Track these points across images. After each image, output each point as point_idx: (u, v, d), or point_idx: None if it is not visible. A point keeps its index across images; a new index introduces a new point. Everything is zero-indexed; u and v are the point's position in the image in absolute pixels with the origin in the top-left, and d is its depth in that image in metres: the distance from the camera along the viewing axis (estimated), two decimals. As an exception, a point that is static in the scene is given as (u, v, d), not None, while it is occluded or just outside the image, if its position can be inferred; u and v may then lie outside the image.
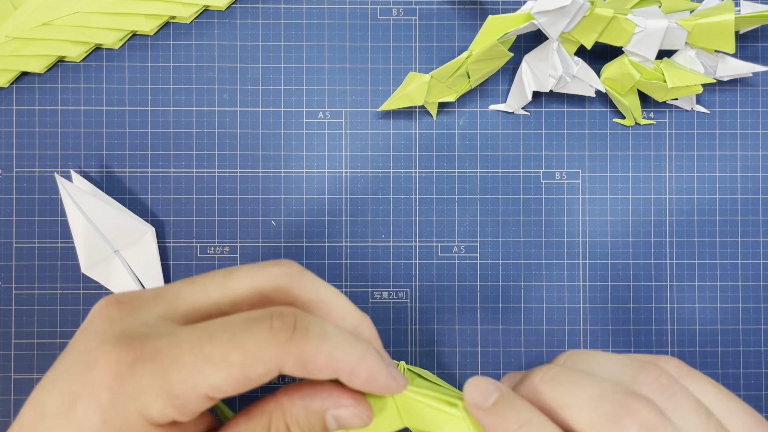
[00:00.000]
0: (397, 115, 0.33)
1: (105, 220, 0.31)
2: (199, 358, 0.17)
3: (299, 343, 0.18)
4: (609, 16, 0.29)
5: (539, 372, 0.20)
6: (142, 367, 0.17)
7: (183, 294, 0.20)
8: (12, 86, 0.33)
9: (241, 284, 0.20)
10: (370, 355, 0.19)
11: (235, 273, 0.20)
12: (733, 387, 0.33)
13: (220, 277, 0.20)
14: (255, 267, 0.20)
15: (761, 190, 0.33)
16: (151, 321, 0.19)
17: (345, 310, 0.21)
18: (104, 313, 0.19)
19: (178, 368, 0.17)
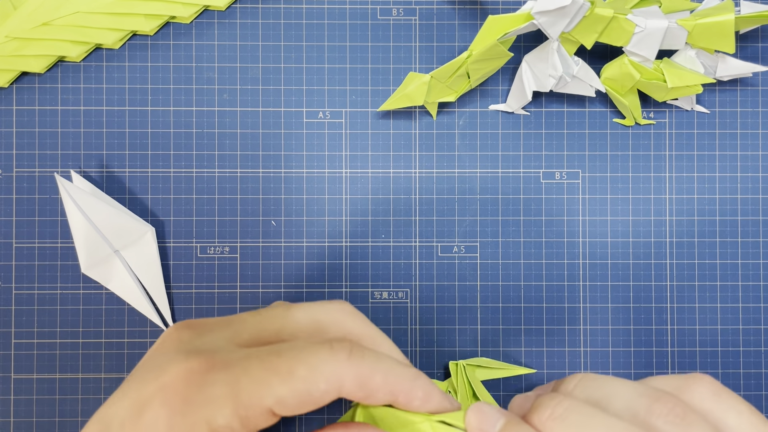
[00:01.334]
0: (397, 115, 0.33)
1: (105, 220, 0.31)
2: (267, 371, 0.18)
3: (357, 361, 0.19)
4: (609, 16, 0.29)
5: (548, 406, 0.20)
6: (213, 376, 0.18)
7: (248, 322, 0.21)
8: (12, 86, 0.33)
9: (302, 316, 0.21)
10: (422, 376, 0.20)
11: (296, 306, 0.22)
12: (733, 387, 0.33)
13: (283, 308, 0.21)
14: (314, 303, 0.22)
15: (761, 190, 0.33)
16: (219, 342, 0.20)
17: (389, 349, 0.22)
18: (175, 335, 0.20)
19: (248, 378, 0.18)
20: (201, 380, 0.18)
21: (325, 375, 0.18)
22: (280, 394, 0.18)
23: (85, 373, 0.32)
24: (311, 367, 0.18)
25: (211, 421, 0.18)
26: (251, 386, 0.18)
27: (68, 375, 0.32)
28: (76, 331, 0.32)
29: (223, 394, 0.18)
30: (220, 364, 0.18)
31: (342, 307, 0.22)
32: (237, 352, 0.19)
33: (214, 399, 0.18)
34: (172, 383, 0.18)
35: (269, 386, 0.18)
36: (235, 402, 0.18)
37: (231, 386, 0.18)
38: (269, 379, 0.18)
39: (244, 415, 0.18)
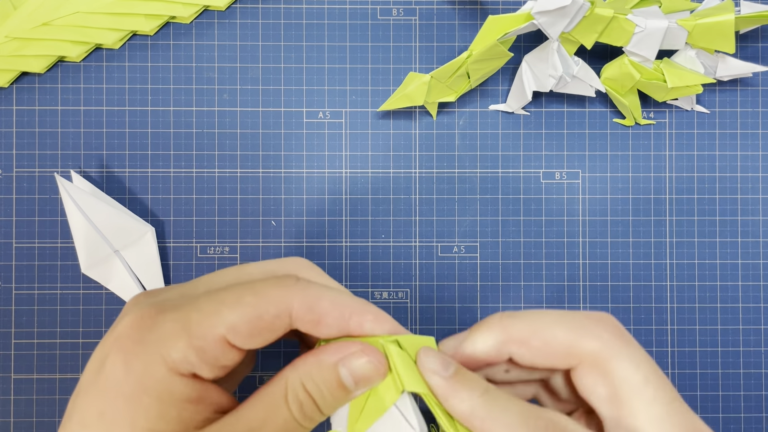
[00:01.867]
0: (397, 115, 0.33)
1: (105, 220, 0.31)
2: (216, 303, 0.19)
3: (304, 285, 0.19)
4: (609, 16, 0.29)
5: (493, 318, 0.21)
6: (164, 316, 0.19)
7: (202, 281, 0.21)
8: (12, 86, 0.33)
9: (255, 270, 0.21)
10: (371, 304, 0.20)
11: (250, 263, 0.22)
12: (733, 387, 0.33)
13: (237, 267, 0.22)
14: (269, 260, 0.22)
15: (761, 190, 0.33)
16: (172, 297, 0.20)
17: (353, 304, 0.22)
18: (132, 301, 0.20)
19: (197, 313, 0.18)
20: (151, 322, 0.18)
21: (273, 298, 0.19)
22: (231, 321, 0.18)
23: (85, 373, 0.32)
24: (258, 292, 0.19)
25: (166, 357, 0.18)
26: (201, 317, 0.18)
27: (68, 375, 0.32)
28: (76, 331, 0.32)
29: (175, 330, 0.18)
30: (170, 307, 0.19)
31: (298, 260, 0.22)
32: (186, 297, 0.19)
33: (166, 335, 0.18)
34: (124, 331, 0.19)
35: (219, 315, 0.18)
36: (188, 334, 0.18)
37: (182, 322, 0.18)
38: (218, 308, 0.19)
39: (198, 346, 0.18)
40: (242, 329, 0.19)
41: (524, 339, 0.20)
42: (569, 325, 0.20)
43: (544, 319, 0.21)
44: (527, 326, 0.21)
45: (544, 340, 0.20)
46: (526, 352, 0.20)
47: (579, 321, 0.20)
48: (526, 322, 0.21)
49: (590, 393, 0.20)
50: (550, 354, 0.20)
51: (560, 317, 0.21)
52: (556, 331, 0.20)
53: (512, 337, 0.20)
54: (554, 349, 0.20)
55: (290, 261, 0.22)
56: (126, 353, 0.18)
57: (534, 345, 0.20)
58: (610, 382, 0.20)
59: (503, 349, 0.21)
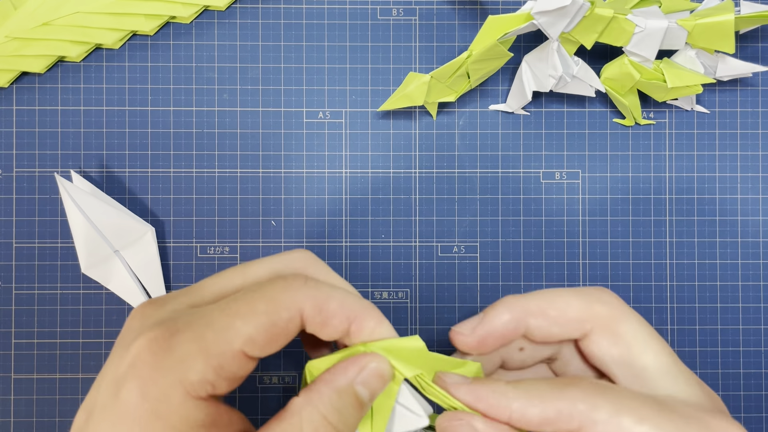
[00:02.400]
0: (397, 115, 0.33)
1: (105, 220, 0.31)
2: (229, 316, 0.18)
3: (313, 286, 0.20)
4: (609, 16, 0.29)
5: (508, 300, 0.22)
6: (178, 338, 0.18)
7: (207, 285, 0.21)
8: (12, 86, 0.33)
9: (260, 269, 0.21)
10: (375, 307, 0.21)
11: (254, 262, 0.22)
12: (733, 387, 0.33)
13: (241, 267, 0.21)
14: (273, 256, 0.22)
15: (761, 190, 0.33)
16: (180, 308, 0.20)
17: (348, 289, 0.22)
18: (138, 313, 0.20)
19: (211, 329, 0.18)
20: (166, 345, 0.18)
21: (285, 303, 0.19)
22: (247, 333, 0.18)
23: (85, 373, 0.32)
24: (270, 299, 0.19)
25: (184, 381, 0.18)
26: (217, 335, 0.18)
27: (68, 375, 0.32)
28: (76, 331, 0.32)
29: (191, 351, 0.18)
30: (183, 326, 0.18)
31: (302, 255, 0.22)
32: (196, 312, 0.19)
33: (183, 358, 0.18)
34: (139, 356, 0.18)
35: (234, 329, 0.18)
36: (205, 354, 0.18)
37: (197, 341, 0.18)
38: (232, 322, 0.18)
39: (217, 365, 0.18)
40: (259, 339, 0.18)
41: (541, 310, 0.22)
42: (579, 296, 0.22)
43: (556, 292, 0.22)
44: (542, 299, 0.22)
45: (559, 309, 0.22)
46: (543, 322, 0.22)
47: (586, 292, 0.22)
48: (540, 296, 0.22)
49: (603, 356, 0.22)
50: (566, 322, 0.22)
51: (569, 290, 0.22)
52: (570, 299, 0.22)
53: (529, 310, 0.22)
54: (570, 316, 0.22)
55: (294, 256, 0.22)
56: (143, 380, 0.18)
57: (551, 314, 0.22)
58: (623, 341, 0.21)
59: (520, 323, 0.22)
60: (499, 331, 0.22)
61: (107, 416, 0.18)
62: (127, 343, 0.19)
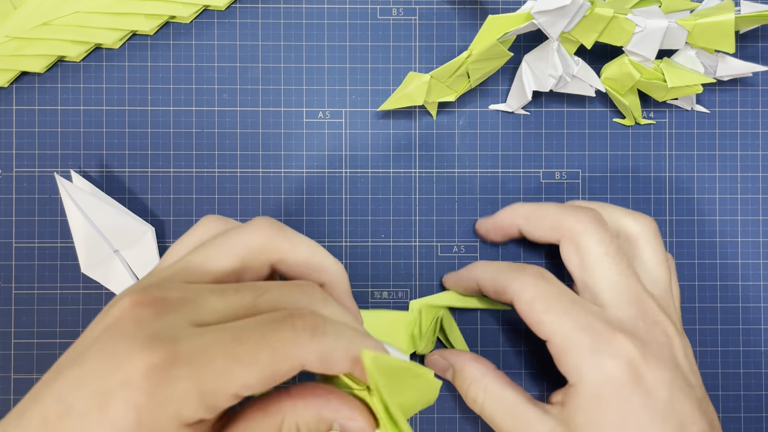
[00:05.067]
0: (397, 115, 0.33)
1: (105, 220, 0.31)
2: (230, 360, 0.18)
3: (319, 340, 0.20)
4: (609, 15, 0.29)
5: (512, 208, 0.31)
6: (177, 371, 0.18)
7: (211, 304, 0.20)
8: (12, 86, 0.33)
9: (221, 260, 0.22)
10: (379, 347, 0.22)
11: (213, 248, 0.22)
12: (732, 387, 0.33)
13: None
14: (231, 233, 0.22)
15: (761, 190, 0.33)
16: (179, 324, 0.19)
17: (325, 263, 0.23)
18: (132, 315, 0.19)
19: (211, 370, 0.18)
20: (164, 376, 0.18)
21: (288, 357, 0.19)
22: (245, 382, 0.18)
23: (85, 373, 0.32)
24: (273, 350, 0.19)
25: (178, 415, 0.18)
26: (215, 378, 0.18)
27: (68, 375, 0.32)
28: (76, 331, 0.32)
29: (188, 390, 0.18)
30: (182, 358, 0.18)
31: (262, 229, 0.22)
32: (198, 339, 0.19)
33: (179, 395, 0.18)
34: (135, 380, 0.18)
35: (233, 376, 0.18)
36: (201, 394, 0.18)
37: (195, 381, 0.18)
38: (232, 368, 0.18)
39: (210, 404, 0.18)
40: (255, 386, 0.19)
41: (527, 215, 0.29)
42: (560, 210, 0.28)
43: (546, 204, 0.29)
44: (532, 207, 0.29)
45: (539, 216, 0.28)
46: (527, 224, 0.29)
47: (569, 208, 0.28)
48: (532, 205, 0.29)
49: (567, 260, 0.27)
50: (543, 228, 0.28)
51: (557, 204, 0.29)
52: (550, 211, 0.28)
53: (520, 213, 0.29)
54: (545, 224, 0.28)
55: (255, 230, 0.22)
56: (138, 408, 0.18)
57: (532, 220, 0.29)
58: (580, 253, 0.27)
59: (514, 222, 0.30)
60: (498, 226, 0.31)
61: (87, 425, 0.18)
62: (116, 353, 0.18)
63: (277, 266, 0.23)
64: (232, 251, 0.22)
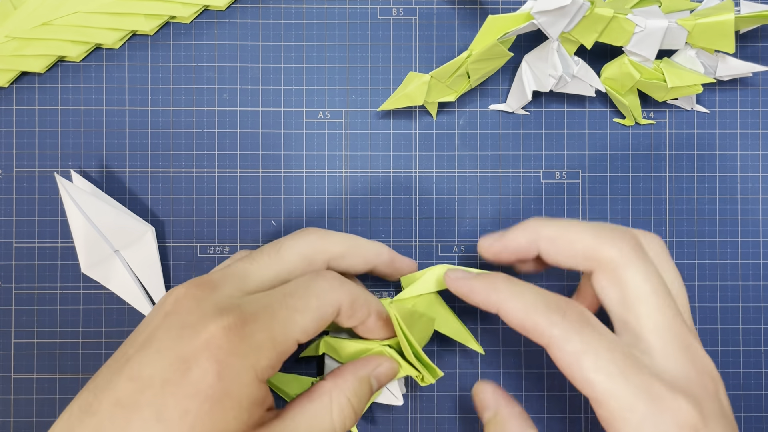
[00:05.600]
0: (397, 115, 0.33)
1: (105, 220, 0.31)
2: (290, 311, 0.22)
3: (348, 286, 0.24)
4: (609, 16, 0.29)
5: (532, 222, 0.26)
6: (250, 327, 0.21)
7: (249, 273, 0.24)
8: (12, 86, 0.33)
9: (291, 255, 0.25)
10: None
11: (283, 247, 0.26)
12: (732, 387, 0.33)
13: (274, 252, 0.25)
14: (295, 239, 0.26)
15: (761, 190, 0.33)
16: (234, 294, 0.23)
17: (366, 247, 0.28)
18: (189, 294, 0.22)
19: (277, 322, 0.22)
20: (240, 333, 0.21)
21: (330, 301, 0.23)
22: (304, 326, 0.22)
23: (85, 373, 0.32)
24: (319, 296, 0.23)
25: (256, 366, 0.21)
26: (282, 327, 0.22)
27: (68, 375, 0.32)
28: (76, 331, 0.32)
29: (263, 340, 0.21)
30: (251, 317, 0.21)
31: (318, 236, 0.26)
32: (256, 302, 0.22)
33: (257, 347, 0.21)
34: (215, 339, 0.20)
35: (295, 322, 0.22)
36: (273, 343, 0.21)
37: (266, 332, 0.21)
38: (293, 316, 0.22)
39: (281, 351, 0.22)
40: (310, 330, 0.23)
41: (553, 237, 0.24)
42: (594, 233, 0.24)
43: (574, 225, 0.24)
44: (558, 228, 0.25)
45: (569, 241, 0.24)
46: (552, 248, 0.24)
47: (604, 231, 0.24)
48: (557, 225, 0.25)
49: (604, 294, 0.24)
50: (573, 255, 0.24)
51: (589, 226, 0.24)
52: (582, 235, 0.24)
53: (542, 234, 0.25)
54: (577, 250, 0.24)
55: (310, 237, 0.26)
56: (219, 363, 0.20)
57: (559, 244, 0.24)
58: (621, 288, 0.23)
59: (533, 244, 0.25)
60: (511, 249, 0.26)
61: (174, 391, 0.20)
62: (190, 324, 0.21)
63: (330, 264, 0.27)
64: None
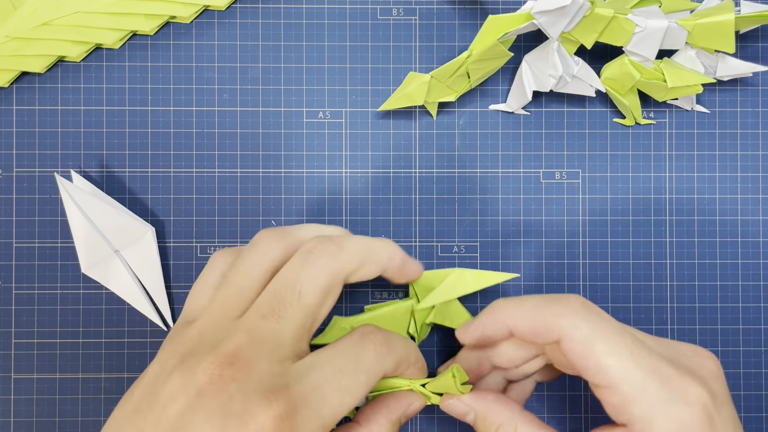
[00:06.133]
0: (397, 115, 0.33)
1: (105, 220, 0.31)
2: (340, 392, 0.21)
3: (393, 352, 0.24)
4: (609, 16, 0.29)
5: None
6: (301, 415, 0.20)
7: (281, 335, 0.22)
8: (12, 86, 0.33)
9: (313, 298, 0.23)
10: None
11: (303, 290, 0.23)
12: (733, 387, 0.33)
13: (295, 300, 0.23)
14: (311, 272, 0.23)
15: (761, 190, 0.33)
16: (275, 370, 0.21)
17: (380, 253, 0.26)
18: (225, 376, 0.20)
19: (328, 406, 0.21)
20: (292, 423, 0.20)
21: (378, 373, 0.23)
22: (352, 404, 0.22)
23: (85, 373, 0.32)
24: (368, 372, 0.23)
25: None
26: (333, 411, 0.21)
27: (68, 375, 0.32)
28: (76, 331, 0.32)
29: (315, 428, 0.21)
30: (301, 401, 0.20)
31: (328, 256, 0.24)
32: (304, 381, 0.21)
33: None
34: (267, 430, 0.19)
35: (345, 405, 0.22)
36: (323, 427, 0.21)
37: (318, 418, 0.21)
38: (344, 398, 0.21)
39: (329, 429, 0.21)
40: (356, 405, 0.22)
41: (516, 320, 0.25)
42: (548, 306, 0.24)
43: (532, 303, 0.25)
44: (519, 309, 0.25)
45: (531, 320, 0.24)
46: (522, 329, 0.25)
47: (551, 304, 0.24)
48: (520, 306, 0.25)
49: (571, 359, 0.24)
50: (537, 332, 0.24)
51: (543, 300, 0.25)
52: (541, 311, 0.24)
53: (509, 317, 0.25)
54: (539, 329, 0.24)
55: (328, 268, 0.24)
56: None
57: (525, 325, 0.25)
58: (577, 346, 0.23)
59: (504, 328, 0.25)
60: (487, 333, 0.26)
61: None
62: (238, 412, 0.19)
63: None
64: None
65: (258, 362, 0.21)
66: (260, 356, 0.21)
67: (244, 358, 0.20)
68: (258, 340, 0.21)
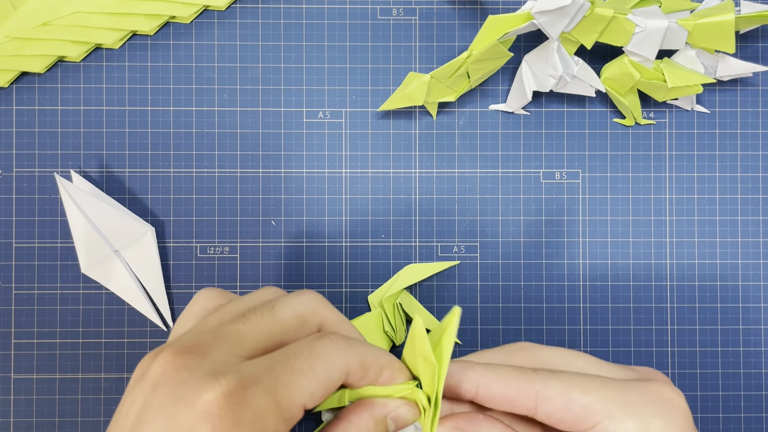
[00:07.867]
0: (397, 115, 0.33)
1: (105, 220, 0.31)
2: (294, 374, 0.20)
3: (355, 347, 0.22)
4: (609, 16, 0.29)
5: None
6: (251, 392, 0.19)
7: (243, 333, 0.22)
8: (12, 86, 0.33)
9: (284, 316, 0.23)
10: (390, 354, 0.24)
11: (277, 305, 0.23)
12: (733, 387, 0.33)
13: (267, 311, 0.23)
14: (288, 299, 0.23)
15: (761, 190, 0.33)
16: (229, 359, 0.20)
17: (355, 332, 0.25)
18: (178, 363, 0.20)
19: (281, 385, 0.20)
20: (242, 399, 0.19)
21: (337, 364, 0.21)
22: (310, 390, 0.20)
23: (85, 373, 0.32)
24: (325, 360, 0.21)
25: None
26: (287, 391, 0.20)
27: (68, 375, 0.32)
28: (76, 331, 0.32)
29: (267, 406, 0.19)
30: (252, 380, 0.19)
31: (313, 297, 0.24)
32: (257, 365, 0.20)
33: (260, 413, 0.19)
34: (214, 408, 0.19)
35: (300, 386, 0.20)
36: (279, 408, 0.20)
37: (271, 396, 0.19)
38: (298, 380, 0.20)
39: (287, 418, 0.20)
40: (317, 395, 0.21)
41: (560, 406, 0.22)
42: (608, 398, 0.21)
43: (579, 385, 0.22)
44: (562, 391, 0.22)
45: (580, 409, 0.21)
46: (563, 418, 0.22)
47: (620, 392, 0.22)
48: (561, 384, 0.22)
49: None
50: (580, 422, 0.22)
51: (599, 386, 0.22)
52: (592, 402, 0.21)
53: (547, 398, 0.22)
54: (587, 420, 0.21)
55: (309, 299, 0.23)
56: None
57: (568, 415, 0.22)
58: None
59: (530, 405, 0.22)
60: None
61: None
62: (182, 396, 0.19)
63: None
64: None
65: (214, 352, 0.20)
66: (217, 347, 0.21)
67: (202, 347, 0.21)
68: (220, 336, 0.21)
